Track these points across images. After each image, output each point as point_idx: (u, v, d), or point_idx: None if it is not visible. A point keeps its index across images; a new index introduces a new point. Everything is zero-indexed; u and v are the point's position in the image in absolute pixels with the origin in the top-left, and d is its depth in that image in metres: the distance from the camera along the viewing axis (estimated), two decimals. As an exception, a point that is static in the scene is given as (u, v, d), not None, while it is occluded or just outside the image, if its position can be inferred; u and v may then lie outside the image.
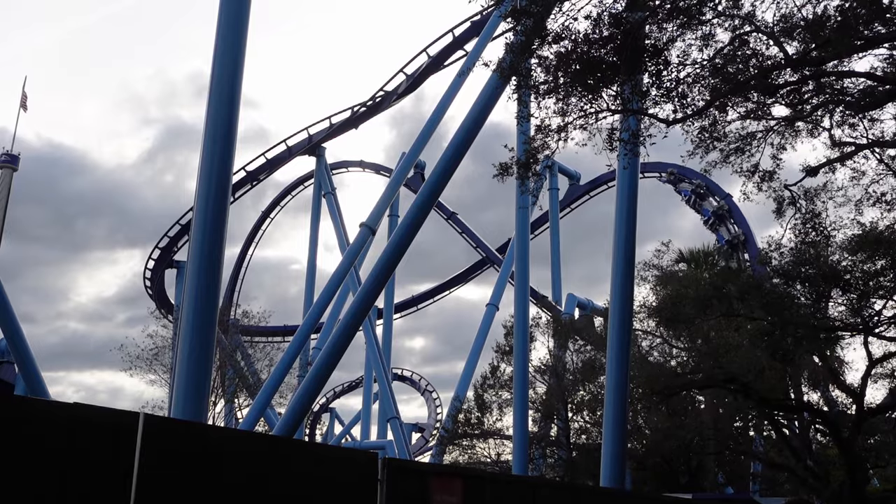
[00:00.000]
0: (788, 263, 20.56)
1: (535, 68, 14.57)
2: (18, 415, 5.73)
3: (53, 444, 5.82)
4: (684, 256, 30.37)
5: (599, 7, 13.65)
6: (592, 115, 14.58)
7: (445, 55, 44.73)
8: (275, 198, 61.69)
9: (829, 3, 13.78)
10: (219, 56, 18.29)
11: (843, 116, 15.92)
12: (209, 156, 17.53)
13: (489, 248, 57.89)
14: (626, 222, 22.62)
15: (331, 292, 38.71)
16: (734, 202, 46.91)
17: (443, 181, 25.14)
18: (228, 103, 17.98)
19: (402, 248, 25.31)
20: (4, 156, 79.60)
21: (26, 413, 5.88)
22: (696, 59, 14.52)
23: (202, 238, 17.09)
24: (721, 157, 16.26)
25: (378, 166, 59.55)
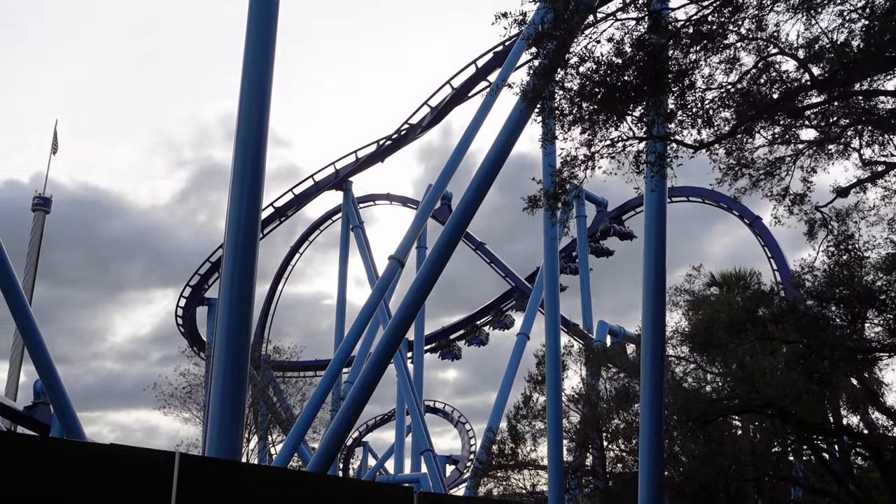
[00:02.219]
0: (822, 285, 20.30)
1: (559, 98, 14.62)
2: (57, 456, 5.77)
3: (93, 486, 5.85)
4: (716, 280, 30.10)
5: (622, 30, 13.71)
6: (618, 143, 14.58)
7: (469, 86, 45.01)
8: (303, 233, 62.17)
9: (854, 23, 13.72)
10: (245, 94, 18.51)
11: (872, 136, 15.77)
12: (238, 193, 17.69)
13: (518, 277, 57.79)
14: (656, 247, 22.46)
15: (361, 326, 38.75)
16: (764, 225, 46.63)
17: (470, 212, 25.14)
18: (256, 141, 18.17)
19: (432, 280, 25.29)
20: (37, 199, 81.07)
21: (65, 455, 5.91)
22: (721, 83, 14.50)
23: (233, 275, 17.21)
24: (750, 182, 16.15)
25: (405, 198, 59.85)
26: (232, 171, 18.05)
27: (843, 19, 13.70)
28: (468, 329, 63.10)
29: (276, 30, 19.22)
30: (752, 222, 49.69)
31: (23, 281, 65.38)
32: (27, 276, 75.40)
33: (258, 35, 18.96)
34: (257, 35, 18.94)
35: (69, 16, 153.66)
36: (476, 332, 62.64)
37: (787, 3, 13.42)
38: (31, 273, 77.24)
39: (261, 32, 18.99)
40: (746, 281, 29.39)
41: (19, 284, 31.04)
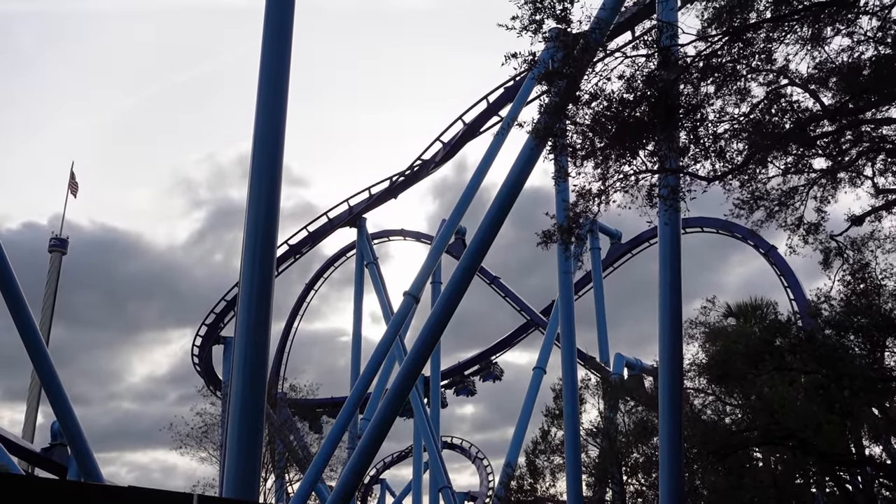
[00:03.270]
0: (839, 314, 20.20)
1: (571, 133, 14.71)
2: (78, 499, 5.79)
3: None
4: (732, 311, 29.95)
5: (632, 67, 13.82)
6: (631, 177, 14.64)
7: (481, 122, 45.23)
8: (318, 270, 62.26)
9: (863, 51, 13.79)
10: (259, 133, 18.67)
11: (885, 164, 15.78)
12: (253, 232, 17.79)
13: (534, 311, 57.65)
14: (671, 279, 22.38)
15: (377, 363, 38.67)
16: (780, 255, 46.45)
17: (484, 246, 25.18)
18: (270, 179, 18.29)
19: (447, 316, 25.27)
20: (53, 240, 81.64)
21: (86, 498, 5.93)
22: (733, 115, 14.57)
23: (248, 313, 17.25)
24: (765, 214, 16.15)
25: (419, 234, 59.97)
26: (246, 210, 18.17)
27: (852, 49, 13.76)
28: (482, 365, 62.86)
29: (288, 69, 19.42)
30: (768, 252, 49.50)
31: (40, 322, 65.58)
32: (44, 317, 75.74)
33: (271, 75, 19.17)
34: (270, 75, 19.15)
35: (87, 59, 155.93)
36: (490, 368, 62.40)
37: (796, 36, 13.51)
38: (47, 314, 77.57)
39: (274, 72, 19.21)
40: (763, 311, 29.23)
41: (36, 326, 31.22)
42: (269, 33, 19.38)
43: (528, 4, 13.59)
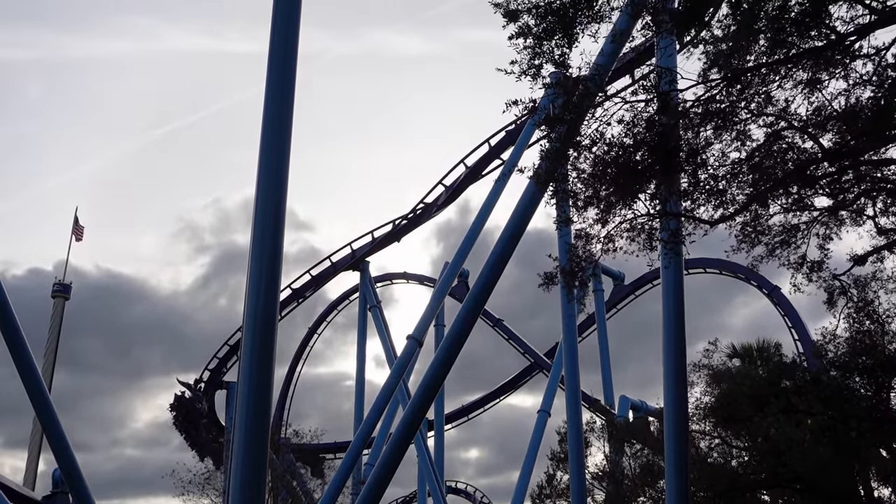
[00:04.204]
0: (845, 355, 20.13)
1: (572, 179, 14.79)
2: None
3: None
4: (737, 352, 29.83)
5: (631, 112, 13.94)
6: (633, 221, 14.70)
7: (483, 165, 45.54)
8: (321, 314, 62.17)
9: (860, 94, 13.91)
10: (262, 178, 18.74)
11: (886, 204, 15.83)
12: (256, 276, 17.79)
13: (537, 353, 57.45)
14: (674, 321, 22.35)
15: (380, 407, 38.46)
16: (784, 295, 46.37)
17: (487, 289, 25.17)
18: (273, 224, 18.33)
19: (450, 359, 25.18)
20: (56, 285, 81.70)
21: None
22: (733, 158, 14.67)
23: (251, 358, 17.19)
24: (766, 251, 16.20)
25: (422, 277, 59.98)
26: (250, 254, 18.20)
27: (849, 91, 13.89)
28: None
29: (291, 114, 19.53)
30: (771, 292, 49.44)
31: (42, 368, 65.38)
32: (46, 363, 75.53)
33: (274, 119, 19.29)
34: (273, 119, 19.27)
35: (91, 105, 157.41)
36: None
37: (794, 80, 13.64)
38: (50, 360, 77.36)
39: (277, 116, 19.32)
40: (768, 352, 29.11)
41: (39, 372, 31.13)
42: (273, 77, 19.56)
43: (526, 49, 13.76)
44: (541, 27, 13.58)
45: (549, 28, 13.53)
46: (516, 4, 13.68)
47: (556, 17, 13.42)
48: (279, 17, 20.06)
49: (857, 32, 12.92)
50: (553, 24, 13.46)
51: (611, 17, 13.88)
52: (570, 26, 13.44)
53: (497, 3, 13.85)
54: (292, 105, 19.59)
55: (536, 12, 13.56)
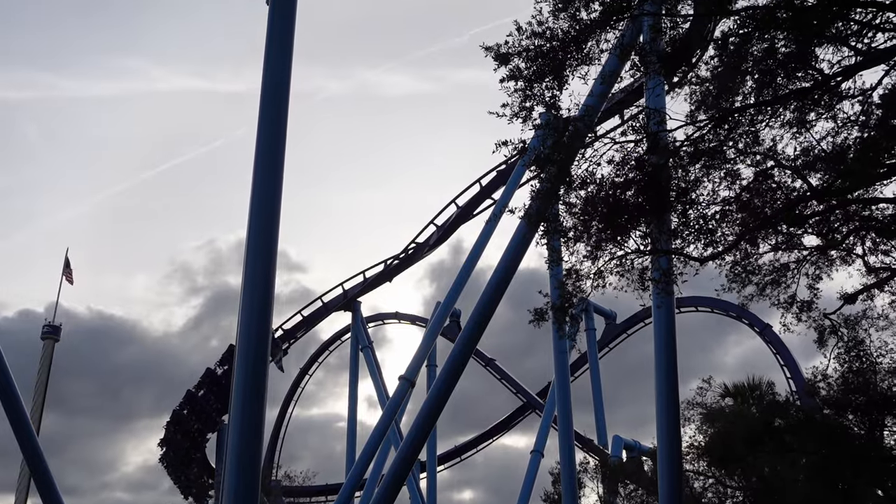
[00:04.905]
0: (837, 393, 20.13)
1: (562, 215, 14.86)
2: None
3: None
4: (730, 391, 29.78)
5: (622, 151, 14.05)
6: (624, 258, 14.75)
7: (474, 205, 45.71)
8: (312, 354, 61.89)
9: (848, 134, 14.03)
10: (254, 217, 18.81)
11: (874, 243, 15.92)
12: (247, 316, 17.78)
13: (530, 393, 57.20)
14: (667, 360, 22.32)
15: (373, 448, 38.18)
16: (775, 333, 46.38)
17: (479, 329, 25.16)
18: (265, 264, 18.36)
19: (443, 399, 25.09)
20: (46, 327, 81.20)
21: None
22: (723, 196, 14.76)
23: (242, 399, 17.11)
24: (757, 290, 16.25)
25: (414, 317, 59.82)
26: (241, 295, 18.19)
27: (836, 131, 14.01)
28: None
29: (283, 154, 19.67)
30: (763, 330, 49.42)
31: (31, 410, 64.75)
32: (35, 405, 74.80)
33: (267, 159, 19.41)
34: (266, 159, 19.39)
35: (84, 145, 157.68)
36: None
37: (782, 120, 13.78)
38: (39, 402, 76.62)
39: (269, 157, 19.45)
40: (761, 391, 29.08)
41: (27, 415, 30.88)
42: (265, 117, 19.72)
43: (517, 92, 13.90)
44: (531, 70, 13.75)
45: (539, 71, 13.69)
46: (507, 48, 13.86)
47: (546, 59, 13.59)
48: (272, 57, 20.27)
49: (843, 74, 13.07)
50: (543, 66, 13.62)
51: (600, 59, 14.05)
52: (560, 69, 13.61)
53: (488, 47, 14.02)
54: (284, 145, 19.72)
55: (527, 55, 13.74)
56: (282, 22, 20.59)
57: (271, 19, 20.62)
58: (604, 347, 57.11)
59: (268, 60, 20.27)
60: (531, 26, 13.70)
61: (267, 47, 20.41)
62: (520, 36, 13.77)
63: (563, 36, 13.42)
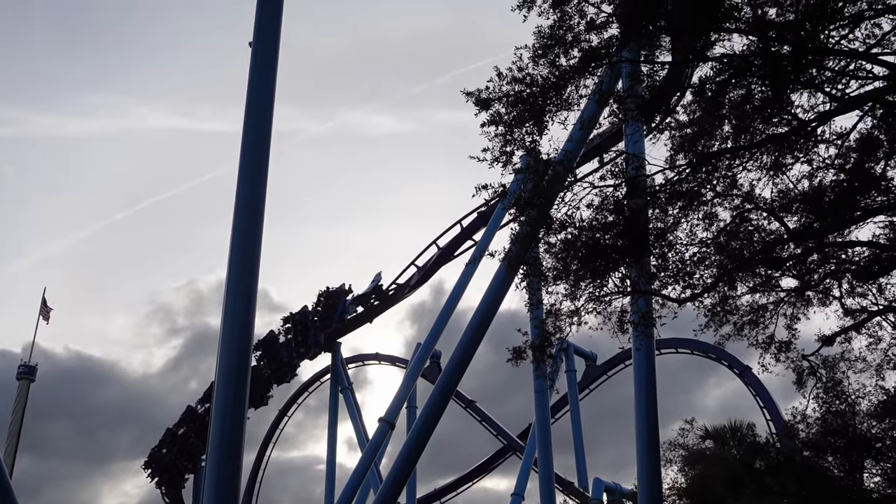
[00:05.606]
0: (816, 435, 20.15)
1: (542, 255, 14.93)
2: None
3: None
4: (710, 433, 29.77)
5: (601, 195, 14.17)
6: (603, 298, 14.81)
7: (455, 246, 45.83)
8: (291, 395, 61.33)
9: (824, 177, 14.23)
10: (235, 257, 18.77)
11: (851, 285, 16.07)
12: (226, 357, 17.69)
13: (510, 435, 56.89)
14: (647, 403, 22.36)
15: (352, 491, 37.73)
16: (755, 375, 46.51)
17: (459, 371, 25.10)
18: (244, 303, 18.29)
19: (423, 442, 24.93)
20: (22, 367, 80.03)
21: None
22: (701, 238, 14.89)
23: (220, 441, 16.95)
24: (734, 329, 16.35)
25: (394, 358, 59.54)
26: (220, 336, 18.09)
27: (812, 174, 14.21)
28: None
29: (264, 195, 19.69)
30: (742, 372, 49.52)
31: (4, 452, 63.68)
32: (9, 446, 73.52)
33: (247, 199, 19.44)
34: (246, 199, 19.42)
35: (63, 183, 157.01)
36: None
37: (759, 163, 13.96)
38: (13, 444, 75.30)
39: (250, 197, 19.48)
40: (741, 433, 29.09)
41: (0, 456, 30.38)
42: (246, 157, 19.75)
43: (498, 137, 14.04)
44: (512, 115, 13.91)
45: (519, 116, 13.85)
46: (487, 93, 14.02)
47: (527, 105, 13.76)
48: (254, 97, 20.36)
49: (819, 119, 13.29)
50: (523, 112, 13.78)
51: (579, 105, 14.22)
52: (539, 114, 13.77)
53: (469, 93, 14.16)
54: (265, 185, 19.74)
55: (507, 101, 13.90)
56: (264, 62, 20.74)
57: (254, 60, 20.75)
58: (584, 389, 56.98)
59: (250, 100, 20.37)
60: (511, 72, 13.88)
61: (249, 87, 20.52)
62: (500, 81, 13.94)
63: (543, 82, 13.60)
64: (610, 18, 13.11)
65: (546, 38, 13.43)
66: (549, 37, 13.41)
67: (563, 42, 13.32)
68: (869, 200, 13.98)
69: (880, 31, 12.56)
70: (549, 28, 13.40)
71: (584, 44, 13.29)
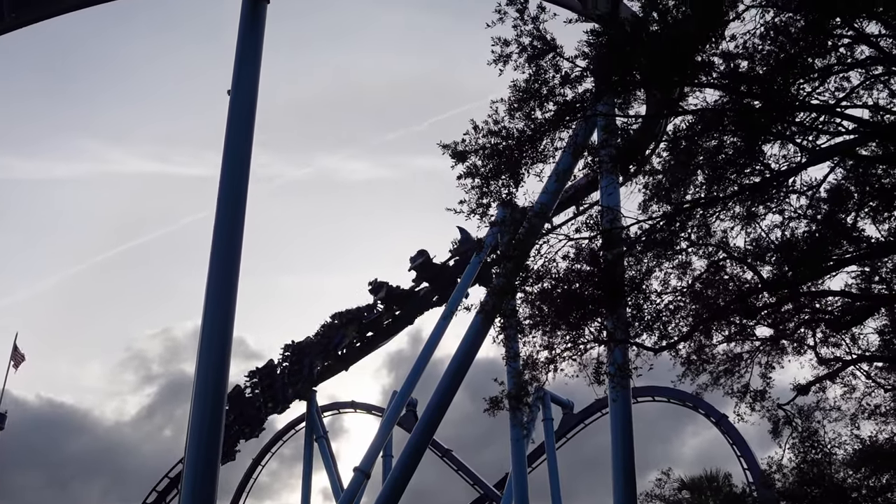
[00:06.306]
0: (793, 484, 20.12)
1: (519, 304, 14.97)
2: None
3: None
4: (687, 484, 29.69)
5: (576, 247, 14.27)
6: (580, 347, 14.83)
7: (432, 293, 45.66)
8: (265, 444, 60.50)
9: (796, 227, 14.41)
10: (210, 303, 18.66)
11: (824, 335, 16.21)
12: (200, 405, 17.52)
13: (487, 484, 56.35)
14: (623, 454, 22.27)
15: (326, 542, 37.21)
16: (731, 423, 46.50)
17: (436, 420, 24.95)
18: (219, 351, 18.17)
19: (398, 491, 24.67)
20: (-9, 414, 78.69)
21: None
22: (676, 287, 15.00)
23: (192, 491, 16.73)
24: (711, 379, 16.41)
25: (370, 406, 59.00)
26: (194, 384, 17.94)
27: (784, 224, 14.39)
28: None
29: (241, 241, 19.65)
30: (719, 420, 49.40)
31: (-30, 505, 62.12)
32: (-26, 498, 71.89)
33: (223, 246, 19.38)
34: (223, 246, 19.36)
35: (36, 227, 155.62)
36: None
37: (732, 213, 14.13)
38: (-22, 496, 73.63)
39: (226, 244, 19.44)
40: (719, 483, 29.05)
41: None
42: (223, 205, 19.73)
43: (474, 189, 14.14)
44: (488, 167, 14.03)
45: (495, 168, 13.98)
46: (464, 146, 14.14)
47: (502, 157, 13.90)
48: (232, 144, 20.41)
49: (790, 170, 13.50)
50: (499, 164, 13.92)
51: (554, 157, 14.37)
52: (515, 166, 13.90)
53: (445, 145, 14.27)
54: (242, 233, 19.72)
55: (483, 153, 14.02)
56: (242, 109, 20.83)
57: (232, 107, 20.84)
58: (561, 438, 56.63)
59: (228, 147, 20.41)
60: (488, 125, 14.02)
61: (227, 137, 20.58)
62: (477, 134, 14.06)
63: (519, 135, 13.73)
64: (584, 72, 13.30)
65: (521, 92, 13.60)
66: (524, 90, 13.58)
67: (539, 95, 13.47)
68: (840, 251, 14.17)
69: (849, 85, 12.83)
70: (525, 82, 13.57)
71: (558, 97, 13.45)
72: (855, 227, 14.03)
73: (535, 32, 13.45)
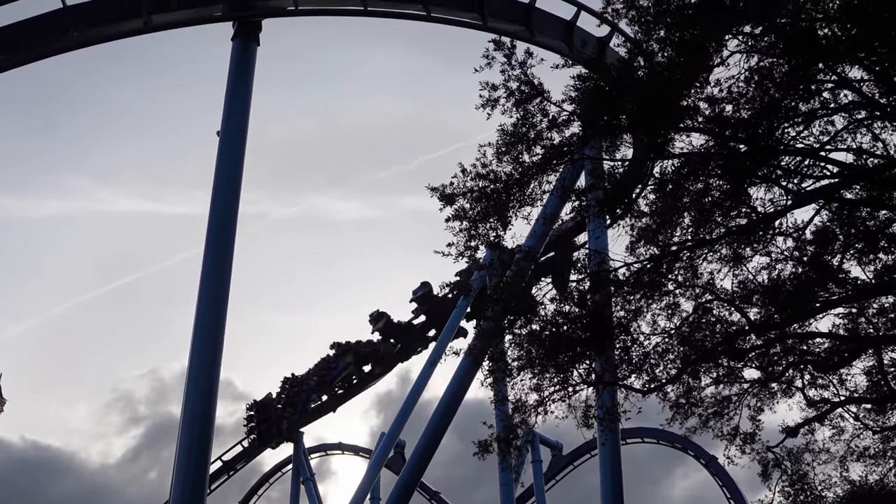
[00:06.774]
0: (783, 529, 19.97)
1: (507, 346, 14.97)
2: None
3: None
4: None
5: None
6: (569, 388, 14.81)
7: (421, 334, 45.52)
8: (252, 487, 59.84)
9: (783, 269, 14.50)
10: (197, 344, 18.56)
11: (812, 377, 16.22)
12: (186, 448, 17.36)
13: (476, 527, 55.86)
14: (613, 496, 22.12)
15: (313, 589, 36.70)
16: (721, 465, 46.30)
17: (424, 462, 24.79)
18: (206, 393, 18.04)
19: (386, 535, 24.45)
20: (-28, 459, 77.61)
21: None
22: (664, 328, 15.02)
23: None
24: (700, 422, 16.38)
25: (357, 447, 58.52)
26: (180, 426, 17.79)
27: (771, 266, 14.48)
28: None
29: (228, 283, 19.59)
30: (709, 462, 49.20)
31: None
32: (-46, 545, 70.70)
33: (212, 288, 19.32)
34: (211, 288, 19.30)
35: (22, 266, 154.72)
36: None
37: (718, 255, 14.22)
38: (-42, 543, 72.38)
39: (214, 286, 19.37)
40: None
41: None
42: (211, 245, 19.70)
43: (462, 232, 14.22)
44: (476, 210, 14.13)
45: (483, 211, 14.08)
46: (452, 189, 14.25)
47: (490, 200, 14.01)
48: (220, 185, 20.42)
49: (776, 213, 13.62)
50: (487, 207, 14.03)
51: (542, 200, 14.47)
52: (503, 210, 14.01)
53: (434, 188, 14.37)
54: (230, 273, 19.67)
55: (471, 196, 14.13)
56: (231, 149, 20.84)
57: (221, 148, 20.85)
58: (550, 479, 56.24)
59: (216, 188, 20.42)
60: (476, 168, 14.15)
61: (216, 175, 20.58)
62: (465, 177, 14.18)
63: (507, 178, 13.87)
64: (571, 117, 13.45)
65: (509, 136, 13.75)
66: (512, 134, 13.73)
67: (526, 139, 13.62)
68: (827, 292, 14.25)
69: (833, 129, 13.00)
70: (513, 126, 13.73)
71: (546, 141, 13.59)
72: (841, 268, 14.12)
73: (522, 77, 13.63)
